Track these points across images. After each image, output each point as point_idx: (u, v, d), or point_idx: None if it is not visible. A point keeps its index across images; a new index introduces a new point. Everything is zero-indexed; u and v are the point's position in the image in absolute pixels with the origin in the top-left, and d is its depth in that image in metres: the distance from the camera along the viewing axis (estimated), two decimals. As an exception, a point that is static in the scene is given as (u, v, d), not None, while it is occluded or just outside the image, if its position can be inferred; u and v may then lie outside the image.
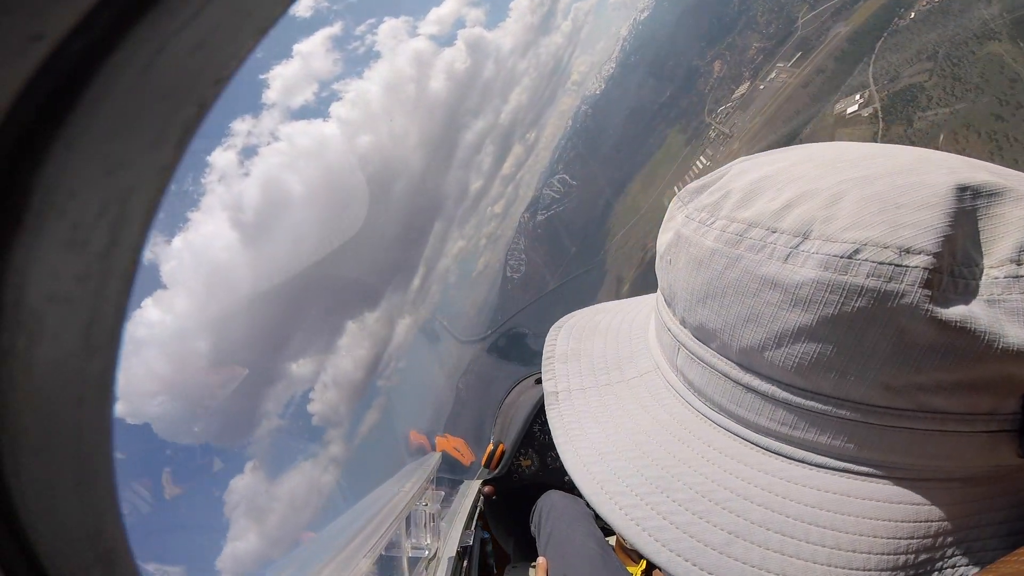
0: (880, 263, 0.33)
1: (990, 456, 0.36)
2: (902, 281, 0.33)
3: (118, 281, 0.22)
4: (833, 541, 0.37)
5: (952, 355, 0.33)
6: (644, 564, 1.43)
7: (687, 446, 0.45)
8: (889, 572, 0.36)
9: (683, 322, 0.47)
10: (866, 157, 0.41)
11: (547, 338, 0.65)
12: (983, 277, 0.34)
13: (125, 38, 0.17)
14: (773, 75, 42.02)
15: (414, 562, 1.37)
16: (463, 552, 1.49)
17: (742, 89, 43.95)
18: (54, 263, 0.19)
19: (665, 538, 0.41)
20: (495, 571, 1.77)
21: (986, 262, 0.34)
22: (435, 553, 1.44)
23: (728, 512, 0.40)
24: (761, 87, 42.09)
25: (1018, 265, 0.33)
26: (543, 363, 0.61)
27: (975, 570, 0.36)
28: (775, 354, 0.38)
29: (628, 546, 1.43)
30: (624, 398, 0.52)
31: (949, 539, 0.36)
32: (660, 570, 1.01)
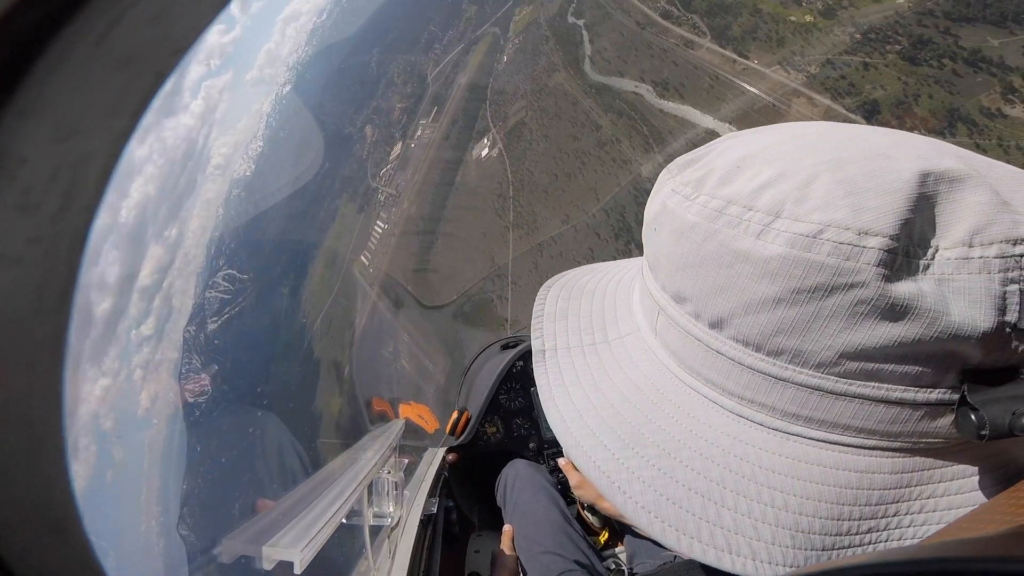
0: (840, 243, 0.36)
1: (930, 428, 0.38)
2: (858, 260, 0.35)
3: (70, 243, 0.22)
4: (782, 503, 0.40)
5: (900, 329, 0.35)
6: (607, 534, 1.51)
7: (657, 407, 0.48)
8: (833, 537, 0.39)
9: (663, 288, 0.49)
10: (845, 139, 0.43)
11: (537, 296, 0.67)
12: (936, 258, 0.36)
13: (80, 10, 0.17)
14: (419, 132, 46.56)
15: (376, 531, 1.33)
16: (427, 521, 1.46)
17: (397, 150, 47.45)
18: (5, 225, 0.19)
19: (632, 490, 0.44)
20: (460, 539, 1.73)
21: (941, 244, 0.36)
22: (398, 522, 1.40)
23: (690, 470, 0.43)
24: (412, 145, 46.31)
25: (969, 247, 0.35)
26: (533, 321, 0.64)
27: (920, 540, 0.39)
28: (743, 321, 0.41)
29: (590, 517, 1.51)
30: (605, 359, 0.55)
31: (892, 509, 0.39)
32: (623, 541, 1.21)
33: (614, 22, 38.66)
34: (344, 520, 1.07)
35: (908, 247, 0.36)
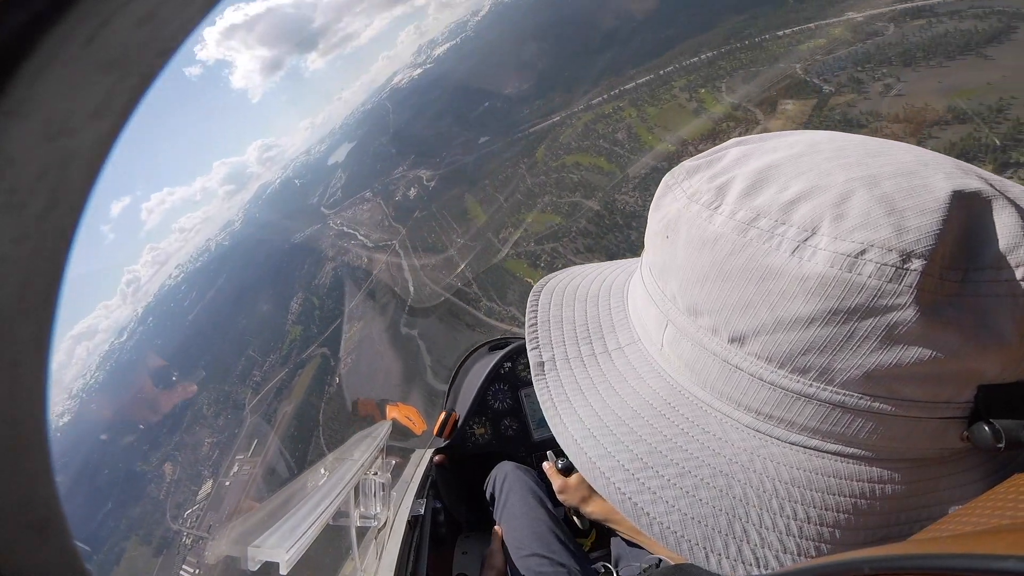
0: (883, 264, 0.35)
1: (939, 439, 0.39)
2: (901, 282, 0.35)
3: (56, 243, 0.22)
4: (804, 516, 0.40)
5: (932, 350, 0.35)
6: (594, 536, 1.54)
7: (672, 424, 0.47)
8: (851, 547, 0.39)
9: (675, 299, 0.48)
10: (869, 154, 0.43)
11: (528, 303, 0.66)
12: (966, 280, 0.35)
13: (68, 12, 0.17)
14: (235, 468, 41.74)
15: (363, 532, 1.34)
16: (414, 522, 1.46)
17: (207, 488, 41.85)
18: None
19: (656, 512, 0.43)
20: (447, 541, 1.70)
21: (970, 266, 0.36)
22: (385, 523, 1.41)
23: (712, 488, 0.43)
24: (227, 483, 40.92)
25: (997, 270, 0.35)
26: (527, 330, 0.62)
27: None
28: (770, 339, 0.40)
29: (576, 520, 1.50)
30: (608, 372, 0.54)
31: (903, 516, 0.40)
32: (612, 542, 1.26)
33: (445, 326, 41.31)
34: (331, 521, 1.09)
35: (943, 270, 0.36)
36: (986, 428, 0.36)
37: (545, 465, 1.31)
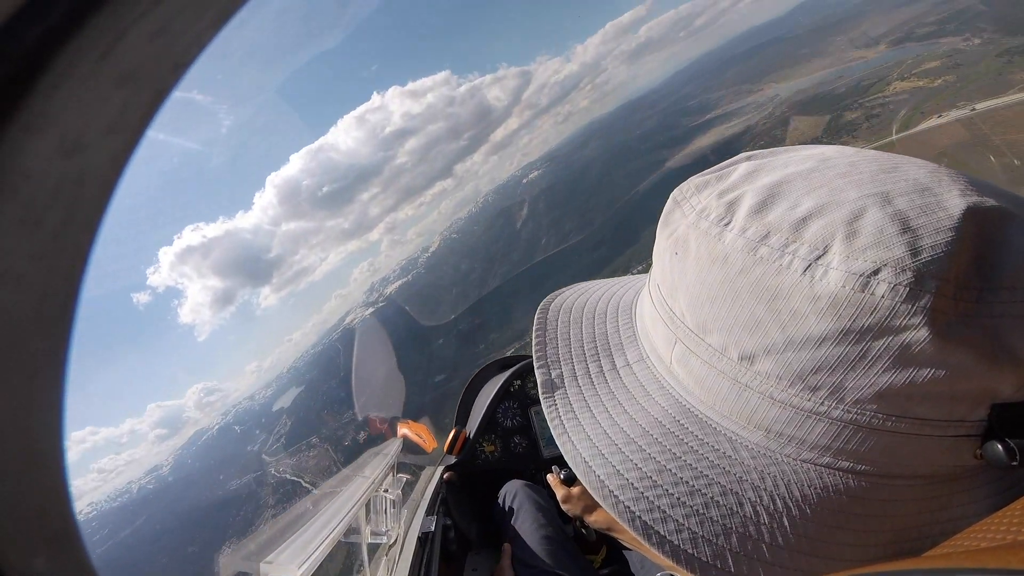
0: (897, 284, 0.35)
1: (951, 457, 0.38)
2: (915, 302, 0.35)
3: (72, 259, 0.22)
4: (815, 533, 0.40)
5: (945, 370, 0.35)
6: (604, 553, 1.54)
7: (681, 442, 0.46)
8: (863, 563, 0.39)
9: (683, 317, 0.47)
10: (883, 171, 0.42)
11: (536, 320, 0.66)
12: (981, 300, 0.35)
13: (83, 26, 0.17)
14: None
15: (374, 548, 1.34)
16: (425, 538, 1.47)
17: None
18: (6, 242, 0.19)
19: (666, 530, 0.43)
20: (457, 557, 1.68)
21: (985, 285, 0.35)
22: (396, 539, 1.41)
23: (723, 506, 0.42)
24: None
25: (1012, 290, 0.35)
26: (534, 348, 0.62)
27: None
28: (780, 358, 0.40)
29: (585, 533, 1.48)
30: (616, 389, 0.54)
31: (914, 532, 0.40)
32: (626, 557, 1.33)
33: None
34: (342, 538, 1.09)
35: (957, 289, 0.35)
36: (1000, 446, 0.36)
37: (550, 477, 1.31)
